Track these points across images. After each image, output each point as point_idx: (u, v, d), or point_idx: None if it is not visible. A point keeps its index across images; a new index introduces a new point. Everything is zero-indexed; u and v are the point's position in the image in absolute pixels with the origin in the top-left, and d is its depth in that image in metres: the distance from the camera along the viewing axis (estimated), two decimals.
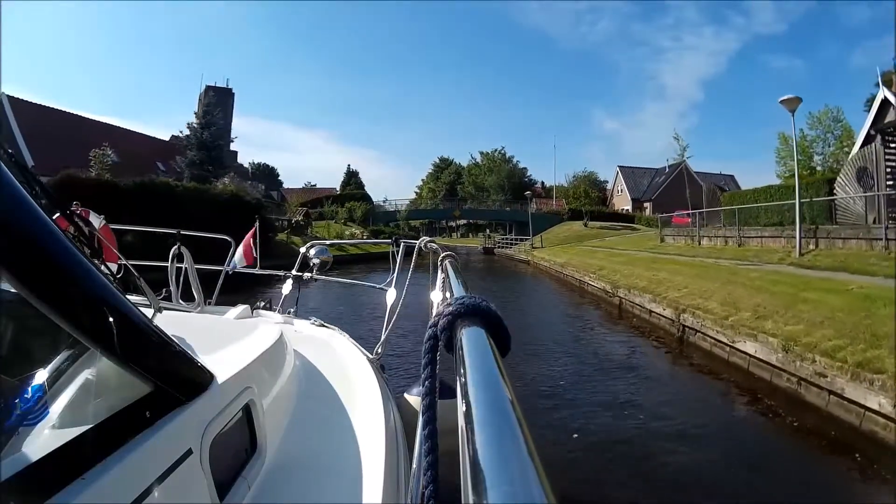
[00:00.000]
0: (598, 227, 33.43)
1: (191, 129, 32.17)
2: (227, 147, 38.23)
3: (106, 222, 2.13)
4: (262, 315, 2.84)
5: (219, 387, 0.99)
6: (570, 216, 39.70)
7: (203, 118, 32.48)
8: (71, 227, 1.23)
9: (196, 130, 31.94)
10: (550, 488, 0.24)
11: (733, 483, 3.56)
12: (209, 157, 31.53)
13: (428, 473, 0.43)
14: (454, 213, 47.12)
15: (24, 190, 0.64)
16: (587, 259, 18.14)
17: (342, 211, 37.77)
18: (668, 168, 45.14)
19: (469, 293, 0.55)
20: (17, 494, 0.60)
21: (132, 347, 0.76)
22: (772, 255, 11.27)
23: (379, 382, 1.85)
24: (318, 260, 3.20)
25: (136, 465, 0.72)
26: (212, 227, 3.52)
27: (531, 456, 0.27)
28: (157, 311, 1.26)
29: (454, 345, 0.46)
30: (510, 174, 54.76)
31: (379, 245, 12.25)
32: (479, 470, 0.26)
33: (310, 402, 1.58)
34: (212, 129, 32.44)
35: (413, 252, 2.57)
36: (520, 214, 40.68)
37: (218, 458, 0.96)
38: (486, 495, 0.24)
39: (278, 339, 1.52)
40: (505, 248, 34.12)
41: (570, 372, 6.30)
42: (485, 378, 0.37)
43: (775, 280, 8.23)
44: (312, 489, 1.18)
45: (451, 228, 62.48)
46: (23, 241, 0.61)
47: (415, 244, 2.53)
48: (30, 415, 0.77)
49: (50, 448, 0.65)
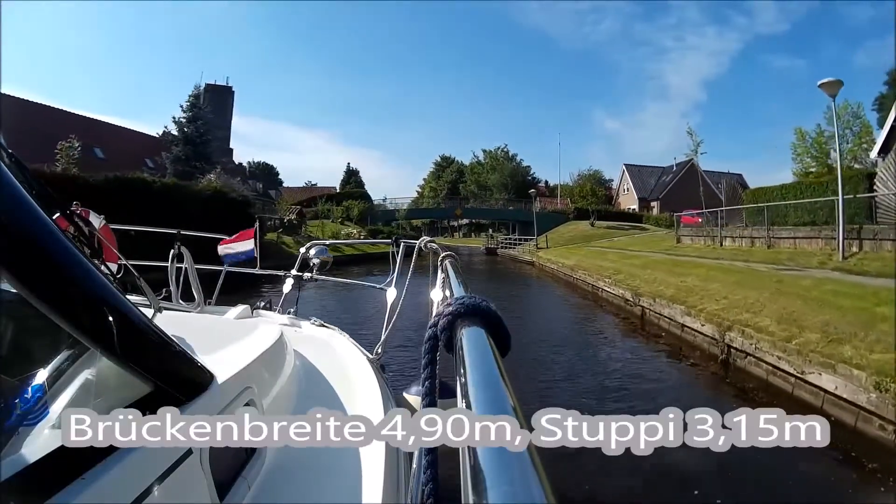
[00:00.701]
0: (605, 226, 32.17)
1: (176, 124, 30.00)
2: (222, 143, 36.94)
3: (106, 222, 2.13)
4: (262, 315, 2.84)
5: (219, 387, 0.99)
6: (576, 216, 38.45)
7: (189, 112, 30.30)
8: (71, 227, 1.23)
9: (182, 125, 29.88)
10: (550, 488, 0.24)
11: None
12: (195, 153, 29.41)
13: (427, 473, 0.43)
14: (456, 212, 45.81)
15: (24, 190, 0.64)
16: (599, 261, 16.74)
17: (337, 210, 36.29)
18: (676, 166, 44.04)
19: (469, 293, 0.55)
20: (17, 494, 0.60)
21: (132, 347, 0.76)
22: (809, 259, 9.92)
23: (379, 382, 1.85)
24: (317, 260, 3.20)
25: (136, 465, 0.72)
26: (191, 226, 3.46)
27: (531, 456, 0.27)
28: (157, 311, 1.26)
29: (454, 345, 0.46)
30: (513, 172, 53.56)
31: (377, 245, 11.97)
32: (479, 470, 0.26)
33: (310, 402, 1.58)
34: (198, 123, 30.31)
35: (413, 252, 2.57)
36: (523, 214, 39.76)
37: (218, 458, 0.96)
38: (486, 495, 0.24)
39: (278, 339, 1.52)
40: (508, 249, 32.97)
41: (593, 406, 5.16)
42: (485, 378, 0.37)
43: (836, 290, 6.84)
44: (312, 489, 1.18)
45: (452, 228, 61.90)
46: (23, 241, 0.61)
47: (415, 244, 2.53)
48: (30, 415, 0.77)
49: (50, 448, 0.65)
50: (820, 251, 10.59)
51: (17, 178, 0.64)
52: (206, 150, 30.66)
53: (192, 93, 31.41)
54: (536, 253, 26.16)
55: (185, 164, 28.56)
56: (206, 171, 27.04)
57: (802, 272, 8.84)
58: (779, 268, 9.59)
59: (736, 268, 10.44)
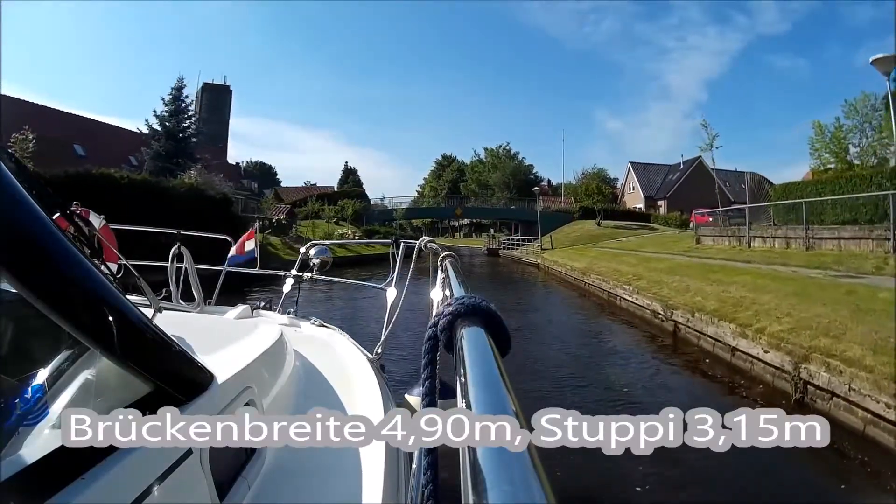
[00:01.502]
0: (613, 226, 31.03)
1: (158, 118, 27.32)
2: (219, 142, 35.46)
3: (106, 222, 2.13)
4: (262, 315, 2.84)
5: (219, 387, 0.99)
6: (582, 215, 37.12)
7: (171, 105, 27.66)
8: (71, 227, 1.23)
9: (163, 119, 27.30)
10: (550, 488, 0.24)
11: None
12: (177, 149, 26.86)
13: (427, 473, 0.43)
14: (456, 211, 44.60)
15: (24, 190, 0.64)
16: (613, 264, 15.01)
17: (329, 209, 34.38)
18: (684, 164, 43.29)
19: (469, 293, 0.55)
20: (17, 494, 0.60)
21: (132, 347, 0.76)
22: (862, 262, 8.60)
23: (379, 382, 1.85)
24: (318, 260, 3.20)
25: (136, 465, 0.72)
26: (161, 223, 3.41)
27: (531, 456, 0.27)
28: (157, 311, 1.26)
29: (454, 345, 0.46)
30: (515, 171, 52.60)
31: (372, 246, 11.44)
32: (479, 470, 0.26)
33: (310, 402, 1.58)
34: (180, 117, 27.82)
35: (413, 252, 2.57)
36: (526, 213, 39.05)
37: (218, 458, 0.96)
38: (486, 495, 0.24)
39: (278, 339, 1.52)
40: (510, 250, 31.99)
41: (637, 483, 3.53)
42: (485, 378, 0.37)
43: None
44: (312, 489, 1.18)
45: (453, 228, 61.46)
46: (23, 241, 0.61)
47: (415, 244, 2.53)
48: (30, 415, 0.77)
49: (50, 448, 0.65)
50: (871, 254, 9.24)
51: (17, 179, 0.64)
52: (189, 146, 28.33)
53: (175, 85, 28.34)
54: (541, 254, 24.99)
55: (165, 160, 26.23)
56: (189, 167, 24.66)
57: (863, 280, 7.45)
58: (836, 274, 8.20)
59: (786, 274, 8.70)
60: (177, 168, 24.79)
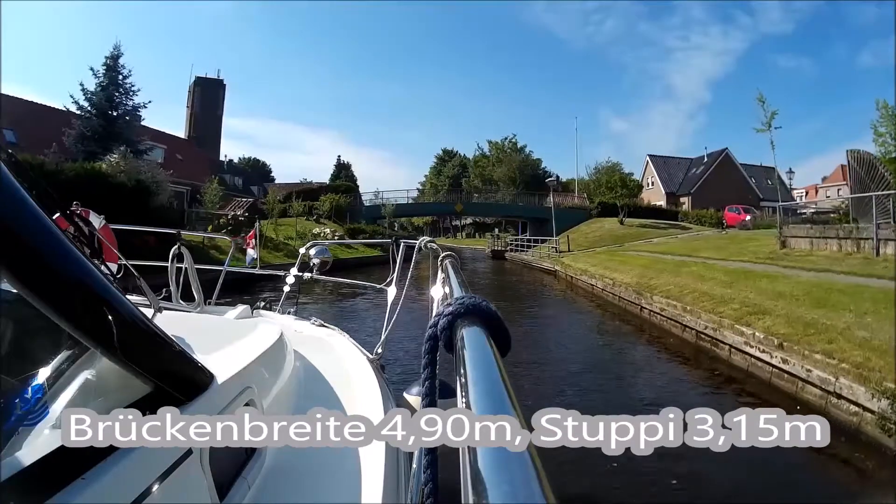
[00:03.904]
0: (638, 224, 26.95)
1: (84, 93, 21.73)
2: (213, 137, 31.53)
3: (106, 222, 2.13)
4: (262, 315, 2.84)
5: (219, 387, 0.99)
6: (601, 212, 32.21)
7: (105, 77, 21.94)
8: (71, 227, 1.23)
9: (91, 94, 21.76)
10: (550, 488, 0.24)
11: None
12: (104, 129, 21.35)
13: (427, 473, 0.43)
14: (455, 207, 38.68)
15: (24, 190, 0.64)
16: (683, 279, 9.52)
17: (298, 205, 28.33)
18: (708, 157, 39.73)
19: (469, 293, 0.55)
20: (17, 494, 0.60)
21: (132, 347, 0.76)
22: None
23: (379, 382, 1.85)
24: (318, 260, 3.20)
25: (136, 465, 0.72)
26: None
27: (531, 456, 0.27)
28: (157, 311, 1.26)
29: (454, 345, 0.46)
30: (522, 165, 47.54)
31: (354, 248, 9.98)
32: (479, 470, 0.26)
33: (310, 402, 1.58)
34: (110, 90, 21.95)
35: (413, 252, 2.57)
36: (535, 210, 34.92)
37: (218, 458, 0.96)
38: (486, 495, 0.24)
39: (278, 339, 1.52)
40: (519, 252, 26.82)
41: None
42: (485, 378, 0.37)
43: None
44: (312, 489, 1.18)
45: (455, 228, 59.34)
46: (23, 241, 0.61)
47: (414, 244, 2.53)
48: (30, 415, 0.77)
49: (50, 448, 0.65)
50: None
51: (17, 179, 0.64)
52: (120, 126, 22.09)
53: (110, 54, 22.39)
54: (559, 259, 19.67)
55: (94, 143, 20.91)
56: (113, 150, 18.12)
57: None
58: None
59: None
60: (107, 152, 18.72)
